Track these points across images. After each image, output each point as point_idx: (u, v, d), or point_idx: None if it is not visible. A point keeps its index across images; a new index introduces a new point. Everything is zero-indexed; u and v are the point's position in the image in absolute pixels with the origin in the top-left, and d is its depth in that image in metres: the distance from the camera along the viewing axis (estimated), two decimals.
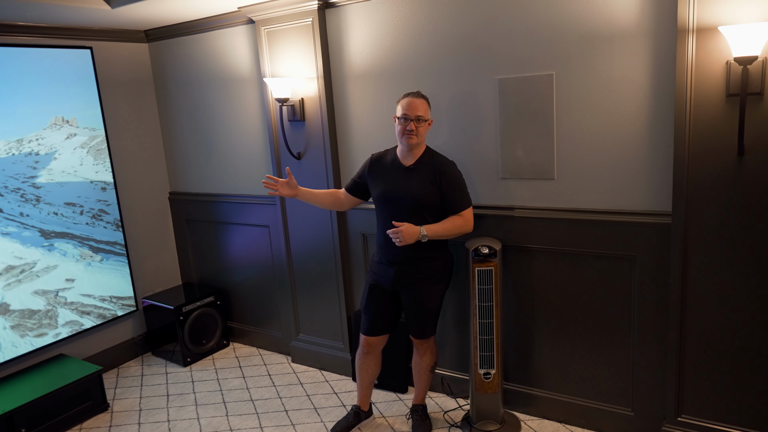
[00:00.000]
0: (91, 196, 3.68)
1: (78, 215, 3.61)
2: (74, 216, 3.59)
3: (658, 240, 2.48)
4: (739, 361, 2.33)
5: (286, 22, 3.22)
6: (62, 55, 3.44)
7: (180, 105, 4.01)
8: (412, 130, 2.53)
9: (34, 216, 3.41)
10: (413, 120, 2.53)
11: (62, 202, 3.54)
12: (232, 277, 4.10)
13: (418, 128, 2.54)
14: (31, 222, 3.40)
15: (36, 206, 3.40)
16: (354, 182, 2.83)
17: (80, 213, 3.62)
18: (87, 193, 3.66)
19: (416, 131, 2.53)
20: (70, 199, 3.58)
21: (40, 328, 3.40)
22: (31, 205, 3.38)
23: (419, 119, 2.53)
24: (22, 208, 3.34)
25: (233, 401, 3.36)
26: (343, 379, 3.52)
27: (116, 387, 3.63)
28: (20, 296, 3.34)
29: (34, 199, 3.40)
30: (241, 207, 3.86)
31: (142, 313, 4.06)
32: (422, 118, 2.54)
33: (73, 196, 3.60)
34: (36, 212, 3.41)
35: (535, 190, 2.75)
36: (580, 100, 2.55)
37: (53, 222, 3.50)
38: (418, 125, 2.53)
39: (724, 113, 2.18)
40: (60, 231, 3.53)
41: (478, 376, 2.81)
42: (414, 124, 2.53)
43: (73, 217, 3.58)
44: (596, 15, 2.44)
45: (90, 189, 3.67)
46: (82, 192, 3.64)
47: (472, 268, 2.69)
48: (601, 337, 2.74)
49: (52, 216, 3.49)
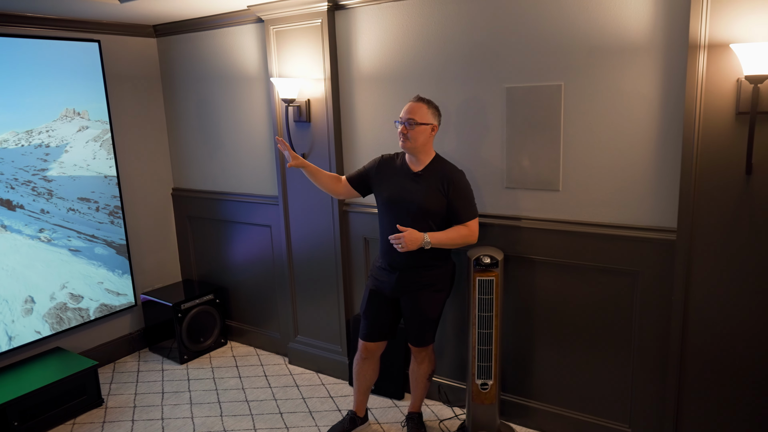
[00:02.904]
0: (106, 191, 3.66)
1: (94, 212, 3.59)
2: (91, 213, 3.57)
3: (662, 256, 2.45)
4: (740, 381, 2.30)
5: (296, 23, 3.20)
6: (71, 48, 3.44)
7: (186, 101, 4.00)
8: (405, 134, 2.50)
9: (76, 221, 3.41)
10: (405, 123, 2.50)
11: (75, 197, 3.52)
12: (232, 275, 4.08)
13: (410, 132, 2.50)
14: (76, 227, 3.40)
15: (49, 201, 3.39)
16: (358, 174, 2.77)
17: (96, 209, 3.60)
18: (102, 189, 3.63)
19: (408, 135, 2.50)
20: (83, 194, 3.56)
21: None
22: (44, 200, 3.36)
23: (410, 122, 2.49)
24: (39, 203, 3.33)
25: (228, 401, 3.35)
26: (340, 383, 3.50)
27: (111, 382, 3.62)
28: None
29: (46, 192, 3.38)
30: (244, 206, 3.85)
31: (141, 309, 4.05)
32: (414, 122, 2.49)
33: (87, 191, 3.57)
34: (56, 210, 3.40)
35: (540, 200, 2.73)
36: (588, 112, 2.53)
37: (81, 222, 3.47)
38: (410, 129, 2.49)
39: (733, 131, 2.15)
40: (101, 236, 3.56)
41: (476, 386, 2.79)
42: (406, 128, 2.50)
43: (89, 214, 3.56)
44: (607, 27, 2.41)
45: (104, 184, 3.65)
46: (96, 187, 3.62)
47: (473, 278, 2.67)
48: (600, 352, 2.71)
49: (78, 215, 3.47)
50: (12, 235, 3.26)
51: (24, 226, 3.30)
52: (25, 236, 3.31)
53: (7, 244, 3.24)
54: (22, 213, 3.29)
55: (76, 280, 3.55)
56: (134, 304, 3.91)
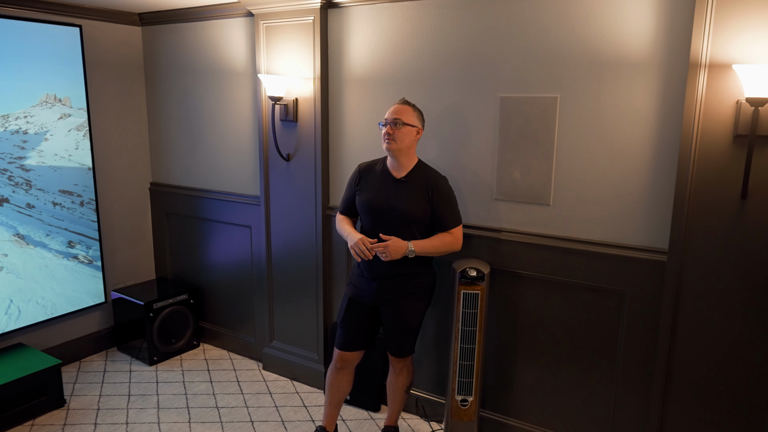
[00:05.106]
0: (90, 185, 3.49)
1: (78, 206, 3.41)
2: (75, 207, 3.39)
3: (651, 277, 2.40)
4: (725, 406, 2.26)
5: (287, 19, 3.11)
6: (52, 31, 3.29)
7: (169, 93, 3.87)
8: (390, 134, 2.43)
9: (66, 218, 3.24)
10: (390, 123, 2.43)
11: (57, 189, 3.35)
12: (208, 275, 3.95)
13: (396, 132, 2.43)
14: (66, 225, 3.23)
15: (29, 192, 3.22)
16: (346, 202, 2.68)
17: (80, 204, 3.43)
18: (86, 181, 3.46)
19: (394, 135, 2.43)
20: (65, 187, 3.38)
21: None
22: (23, 191, 3.19)
23: (396, 122, 2.42)
24: (19, 194, 3.17)
25: (197, 407, 3.22)
26: (315, 392, 3.39)
27: (75, 382, 3.46)
28: None
29: (24, 183, 3.21)
30: (224, 204, 3.73)
31: (111, 306, 3.90)
32: (400, 121, 2.42)
33: (69, 184, 3.39)
34: (41, 204, 3.24)
35: (529, 214, 2.67)
36: (583, 126, 2.47)
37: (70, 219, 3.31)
38: (395, 129, 2.43)
39: (730, 153, 2.11)
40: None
41: (455, 402, 2.71)
42: (392, 128, 2.43)
43: (74, 208, 3.39)
44: (607, 41, 2.36)
45: (89, 177, 3.49)
46: (80, 179, 3.45)
47: (457, 291, 2.60)
48: (584, 372, 2.65)
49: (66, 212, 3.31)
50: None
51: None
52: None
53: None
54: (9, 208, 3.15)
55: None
56: (104, 301, 3.75)
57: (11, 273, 3.20)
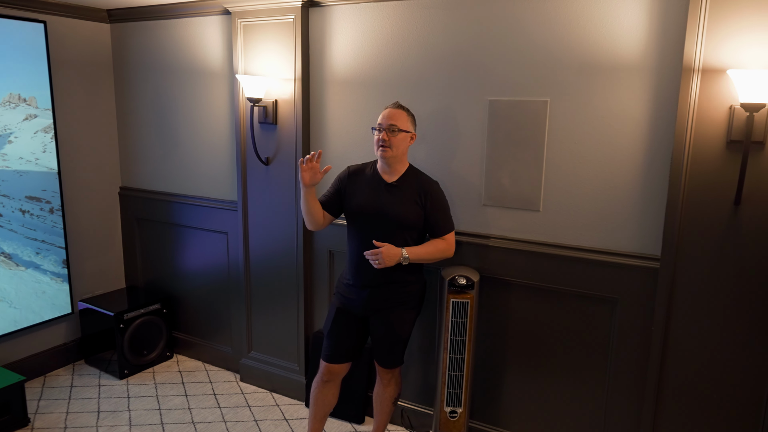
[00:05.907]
0: (59, 190, 3.28)
1: (48, 213, 3.19)
2: (44, 215, 3.17)
3: (643, 284, 2.37)
4: (717, 414, 2.24)
5: (266, 17, 2.99)
6: (15, 27, 3.09)
7: (140, 94, 3.70)
8: (385, 141, 2.35)
9: (38, 227, 3.01)
10: (386, 129, 2.35)
11: (23, 195, 3.14)
12: (182, 284, 3.79)
13: (392, 139, 2.35)
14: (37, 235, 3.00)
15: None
16: (330, 195, 2.54)
17: (50, 211, 3.21)
18: (54, 187, 3.25)
19: (389, 142, 2.35)
20: (32, 192, 3.17)
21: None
22: None
23: (392, 129, 2.34)
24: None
25: (172, 423, 3.06)
26: (296, 404, 3.27)
27: (40, 398, 3.26)
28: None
29: None
30: (199, 210, 3.58)
31: (78, 317, 3.70)
32: (396, 128, 2.34)
33: (37, 189, 3.19)
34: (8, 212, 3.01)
35: (518, 220, 2.61)
36: (574, 131, 2.43)
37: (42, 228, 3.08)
38: (391, 135, 2.34)
39: (723, 159, 2.09)
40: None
41: (444, 413, 2.63)
42: (387, 134, 2.34)
43: (42, 216, 3.17)
44: (599, 45, 2.32)
45: (57, 182, 3.28)
46: (48, 184, 3.23)
47: (446, 299, 2.52)
48: (575, 381, 2.61)
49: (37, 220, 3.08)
50: None
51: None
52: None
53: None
54: None
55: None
56: (70, 311, 3.55)
57: None
